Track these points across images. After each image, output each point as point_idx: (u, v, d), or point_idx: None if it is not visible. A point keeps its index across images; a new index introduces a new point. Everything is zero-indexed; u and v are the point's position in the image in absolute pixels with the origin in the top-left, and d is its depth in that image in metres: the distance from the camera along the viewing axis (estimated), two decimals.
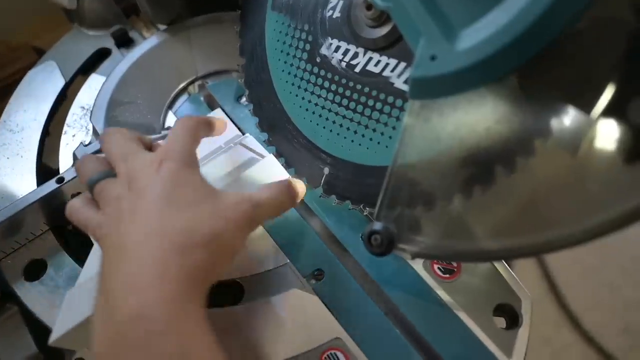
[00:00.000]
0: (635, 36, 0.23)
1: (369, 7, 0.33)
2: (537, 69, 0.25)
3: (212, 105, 0.45)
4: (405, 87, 0.33)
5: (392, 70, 0.33)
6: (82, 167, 0.31)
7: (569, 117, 0.26)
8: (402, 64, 0.33)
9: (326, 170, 0.38)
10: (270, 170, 0.37)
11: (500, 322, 0.35)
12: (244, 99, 0.43)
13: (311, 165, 0.38)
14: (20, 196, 0.35)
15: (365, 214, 0.36)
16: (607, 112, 0.24)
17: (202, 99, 0.45)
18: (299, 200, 0.34)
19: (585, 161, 0.26)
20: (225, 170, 0.37)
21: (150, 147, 0.33)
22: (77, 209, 0.29)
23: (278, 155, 0.40)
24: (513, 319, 0.34)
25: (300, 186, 0.35)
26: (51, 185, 0.34)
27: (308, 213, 0.39)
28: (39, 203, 0.34)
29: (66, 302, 0.29)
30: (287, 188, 0.33)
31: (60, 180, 0.34)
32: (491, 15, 0.25)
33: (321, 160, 0.38)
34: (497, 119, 0.27)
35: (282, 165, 0.40)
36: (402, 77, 0.33)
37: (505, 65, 0.25)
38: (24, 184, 0.38)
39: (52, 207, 0.35)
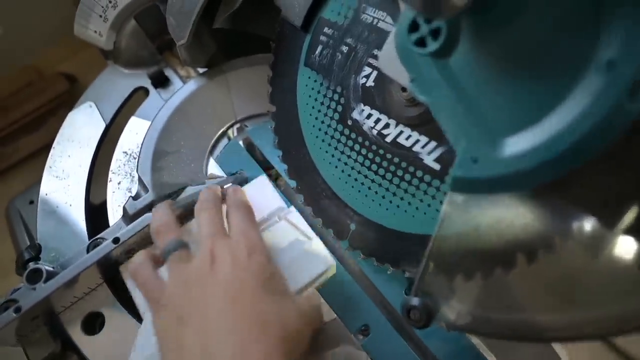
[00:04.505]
0: None
1: (404, 89, 0.32)
2: (569, 181, 0.24)
3: (251, 149, 0.44)
4: (434, 165, 0.32)
5: (423, 147, 0.32)
6: (159, 236, 0.32)
7: (592, 226, 0.26)
8: (433, 143, 0.32)
9: (352, 226, 0.37)
10: (315, 254, 0.35)
11: None
12: None
13: (338, 218, 0.38)
14: (73, 245, 0.35)
15: (389, 272, 0.36)
16: (627, 230, 0.24)
17: (241, 143, 0.44)
18: None
19: (602, 262, 0.26)
20: (272, 251, 0.34)
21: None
22: (142, 272, 0.30)
23: (305, 204, 0.40)
24: None
25: None
26: (108, 246, 0.34)
27: (353, 269, 0.39)
28: (97, 263, 0.34)
29: None
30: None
31: (116, 241, 0.34)
32: (533, 130, 0.24)
33: (348, 216, 0.37)
34: (532, 218, 0.27)
35: (310, 214, 0.39)
36: (432, 155, 0.32)
37: (541, 177, 0.24)
38: (75, 231, 0.38)
39: (107, 264, 0.35)
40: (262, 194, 0.38)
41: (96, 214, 0.40)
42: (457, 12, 0.22)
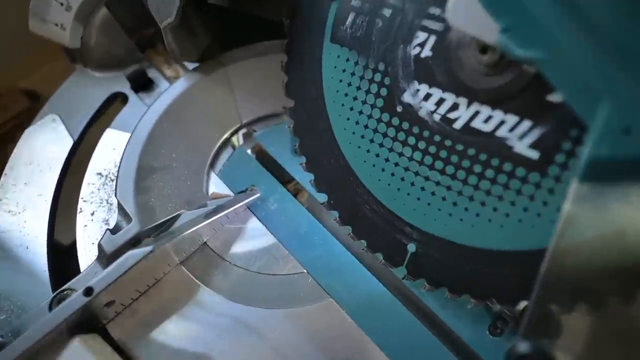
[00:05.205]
0: None
1: (484, 49, 0.23)
2: None
3: (263, 158, 0.35)
4: (529, 153, 0.23)
5: (511, 130, 0.24)
6: None
7: None
8: (527, 123, 0.23)
9: (411, 247, 0.28)
10: None
11: None
12: None
13: (389, 239, 0.29)
14: (32, 301, 0.25)
15: (469, 306, 0.27)
16: None
17: (249, 151, 0.36)
18: None
19: None
20: None
21: None
22: None
23: (342, 223, 0.30)
24: None
25: None
26: (78, 300, 0.24)
27: (415, 305, 0.30)
28: (65, 323, 0.24)
29: None
30: None
31: (89, 292, 0.24)
32: None
33: (404, 234, 0.28)
34: None
35: (349, 234, 0.30)
36: (526, 139, 0.23)
37: None
38: (34, 283, 0.27)
39: (79, 323, 0.25)
40: None
41: (63, 257, 0.30)
42: None
